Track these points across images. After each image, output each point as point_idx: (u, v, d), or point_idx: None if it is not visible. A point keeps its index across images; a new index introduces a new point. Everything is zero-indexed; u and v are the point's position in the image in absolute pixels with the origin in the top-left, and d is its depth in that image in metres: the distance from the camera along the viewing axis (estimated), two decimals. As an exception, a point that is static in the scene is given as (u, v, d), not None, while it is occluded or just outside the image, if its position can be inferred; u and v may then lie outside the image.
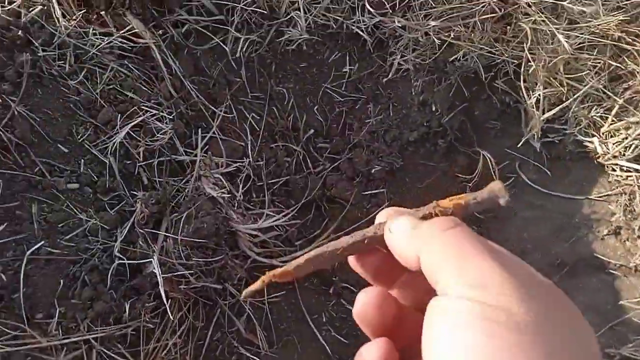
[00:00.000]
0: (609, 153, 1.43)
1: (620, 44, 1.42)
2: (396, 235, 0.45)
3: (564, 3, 1.38)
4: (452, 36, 1.39)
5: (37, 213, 1.14)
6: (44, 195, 1.16)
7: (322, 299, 1.51)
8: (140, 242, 1.20)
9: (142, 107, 1.27)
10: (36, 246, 1.10)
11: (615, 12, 1.41)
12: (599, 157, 1.45)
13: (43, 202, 1.15)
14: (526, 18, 1.39)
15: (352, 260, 0.50)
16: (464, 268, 0.38)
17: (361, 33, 1.42)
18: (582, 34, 1.40)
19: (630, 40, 1.42)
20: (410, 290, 0.52)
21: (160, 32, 1.30)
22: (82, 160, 1.22)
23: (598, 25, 1.39)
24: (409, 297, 0.52)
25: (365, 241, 0.47)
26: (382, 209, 0.50)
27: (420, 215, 0.47)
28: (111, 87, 1.26)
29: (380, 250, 0.49)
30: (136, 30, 1.24)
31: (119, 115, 1.25)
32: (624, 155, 1.41)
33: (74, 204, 1.18)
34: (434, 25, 1.37)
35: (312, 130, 1.50)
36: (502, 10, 1.39)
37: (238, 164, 1.41)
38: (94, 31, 1.22)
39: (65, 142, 1.21)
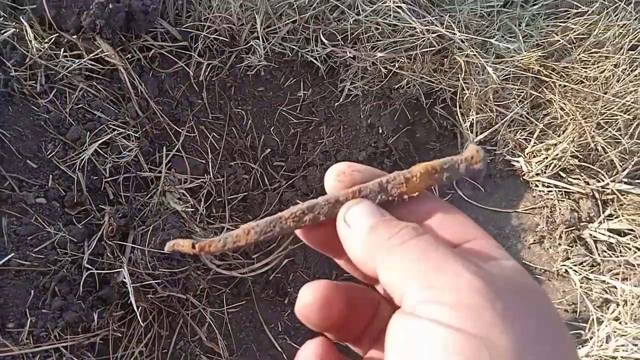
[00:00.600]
0: (532, 171, 1.61)
1: (539, 76, 1.63)
2: (350, 239, 0.40)
3: (492, 40, 1.56)
4: (396, 66, 1.55)
5: (6, 226, 1.17)
6: (14, 209, 1.20)
7: (278, 309, 1.60)
8: (108, 254, 1.26)
9: (110, 126, 1.34)
10: (6, 258, 1.13)
11: (535, 49, 1.61)
12: (524, 175, 1.63)
13: (12, 216, 1.19)
14: (460, 52, 1.57)
15: (297, 231, 0.45)
16: (432, 286, 0.34)
17: (315, 61, 1.55)
18: (507, 67, 1.59)
19: (547, 73, 1.62)
20: None
21: (128, 55, 1.37)
22: (51, 176, 1.26)
23: (520, 59, 1.58)
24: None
25: (318, 217, 0.42)
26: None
27: (381, 187, 0.42)
28: (80, 106, 1.32)
29: (329, 224, 0.44)
30: (106, 53, 1.31)
31: (88, 133, 1.31)
32: (545, 172, 1.60)
33: (42, 218, 1.22)
34: (380, 56, 1.52)
35: (268, 150, 1.60)
36: (440, 45, 1.56)
37: (200, 180, 1.49)
38: (64, 53, 1.28)
39: (35, 158, 1.26)
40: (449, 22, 1.53)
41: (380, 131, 1.59)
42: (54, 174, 1.27)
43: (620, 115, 1.52)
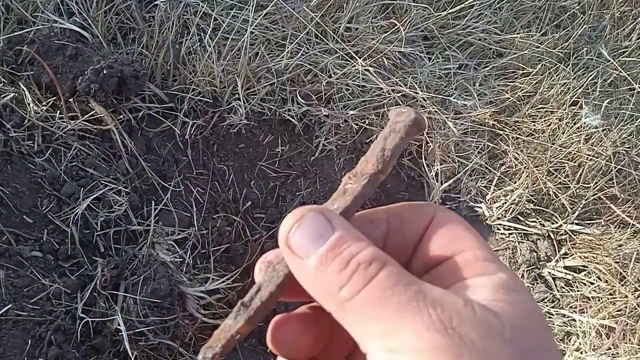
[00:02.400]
0: (493, 215, 1.76)
1: (494, 130, 1.80)
2: (298, 274, 0.35)
3: (450, 98, 1.74)
4: (366, 122, 1.70)
5: (4, 278, 1.22)
6: (11, 262, 1.25)
7: (261, 357, 1.65)
8: (102, 303, 1.31)
9: (102, 182, 1.41)
10: (4, 309, 1.18)
11: (489, 106, 1.79)
12: (486, 219, 1.78)
13: (9, 269, 1.24)
14: (423, 109, 1.73)
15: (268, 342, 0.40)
16: (393, 350, 0.31)
17: (291, 120, 1.68)
18: (465, 121, 1.76)
19: (501, 127, 1.80)
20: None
21: (119, 116, 1.47)
22: (46, 230, 1.32)
23: (477, 115, 1.76)
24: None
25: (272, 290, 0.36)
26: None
27: (335, 206, 0.37)
28: (74, 164, 1.40)
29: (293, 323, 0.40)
30: (99, 115, 1.41)
31: (81, 189, 1.38)
32: (505, 216, 1.74)
33: (37, 270, 1.27)
34: (351, 114, 1.67)
35: (249, 202, 1.70)
36: (404, 103, 1.72)
37: (186, 232, 1.56)
38: (60, 115, 1.38)
39: (31, 213, 1.32)
40: (412, 83, 1.70)
41: (354, 182, 1.71)
42: (49, 229, 1.33)
43: (567, 163, 1.70)
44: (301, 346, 0.40)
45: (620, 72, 1.75)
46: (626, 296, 1.52)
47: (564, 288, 1.67)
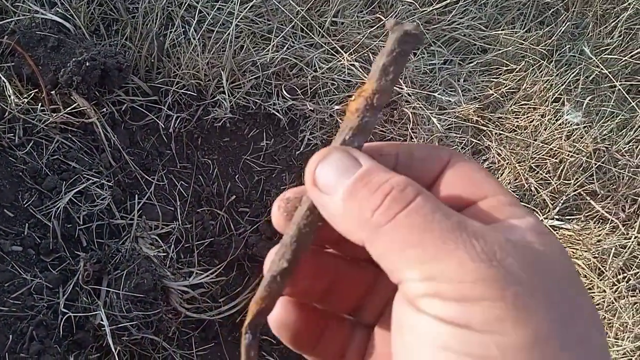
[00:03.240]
0: (476, 211, 1.77)
1: (478, 126, 1.82)
2: (326, 208, 0.34)
3: (435, 94, 1.75)
4: (351, 117, 1.70)
5: (-16, 273, 1.21)
6: (-9, 256, 1.23)
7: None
8: (84, 298, 1.30)
9: (84, 176, 1.40)
10: (-16, 304, 1.17)
11: (473, 102, 1.81)
12: (469, 215, 1.79)
13: (-10, 263, 1.22)
14: (408, 105, 1.74)
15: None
16: (432, 278, 0.29)
17: (277, 114, 1.68)
18: (449, 117, 1.77)
19: (484, 123, 1.82)
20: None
21: (102, 109, 1.45)
22: (27, 224, 1.31)
23: (461, 111, 1.77)
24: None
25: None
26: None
27: (355, 143, 0.35)
28: (56, 157, 1.38)
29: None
30: (82, 108, 1.39)
31: (63, 182, 1.37)
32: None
33: (18, 265, 1.26)
34: (337, 109, 1.67)
35: (234, 196, 1.69)
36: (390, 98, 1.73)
37: (169, 227, 1.55)
38: (42, 108, 1.36)
39: (12, 207, 1.30)
40: (397, 79, 1.71)
41: (338, 177, 1.72)
42: (30, 223, 1.31)
43: (549, 159, 1.72)
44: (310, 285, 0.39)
45: (602, 69, 1.78)
46: (604, 291, 1.55)
47: (544, 282, 1.69)
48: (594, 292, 1.55)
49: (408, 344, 0.31)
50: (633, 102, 1.71)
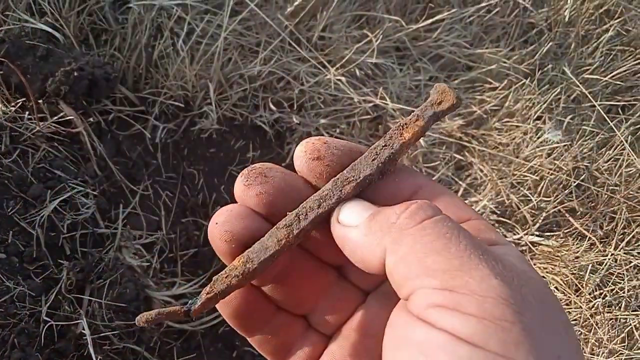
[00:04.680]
0: (458, 225, 1.80)
1: (461, 142, 1.85)
2: (349, 236, 0.34)
3: (420, 109, 1.78)
4: (337, 131, 1.72)
5: (-34, 281, 1.21)
6: (-26, 264, 1.23)
7: (227, 362, 1.66)
8: (66, 307, 1.30)
9: (70, 184, 1.41)
10: (-34, 312, 1.17)
11: (456, 118, 1.84)
12: (451, 229, 1.82)
13: (-28, 271, 1.23)
14: (393, 119, 1.77)
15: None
16: (452, 290, 0.28)
17: (263, 126, 1.70)
18: (434, 133, 1.80)
19: (468, 139, 1.85)
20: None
21: (89, 119, 1.46)
22: (11, 232, 1.31)
23: (445, 127, 1.80)
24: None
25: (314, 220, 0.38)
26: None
27: (369, 171, 0.39)
28: (42, 165, 1.39)
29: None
30: (69, 117, 1.40)
31: (48, 191, 1.37)
32: (469, 227, 1.79)
33: (1, 272, 1.26)
34: (323, 122, 1.69)
35: (219, 207, 1.70)
36: (375, 113, 1.76)
37: (153, 236, 1.56)
38: (29, 116, 1.37)
39: (-4, 215, 1.31)
40: (382, 94, 1.74)
41: (323, 189, 1.74)
42: (14, 230, 1.32)
43: (530, 176, 1.75)
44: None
45: (582, 89, 1.82)
46: (580, 307, 1.58)
47: (523, 297, 1.72)
48: (570, 308, 1.58)
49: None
50: (612, 122, 1.75)
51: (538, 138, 1.83)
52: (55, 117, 1.39)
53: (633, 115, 1.95)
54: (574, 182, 1.75)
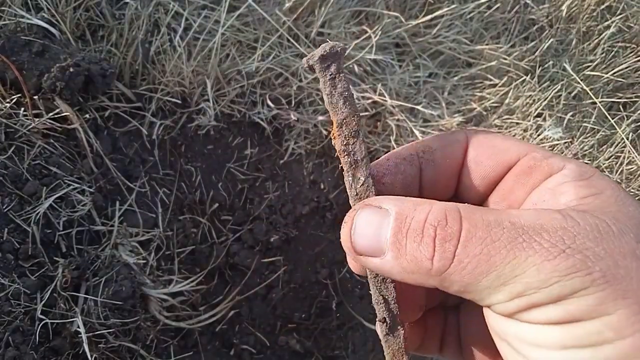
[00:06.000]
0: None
1: (461, 139, 1.83)
2: (387, 272, 0.33)
3: (419, 107, 1.77)
4: (335, 128, 1.71)
5: (-40, 278, 1.20)
6: (-32, 261, 1.22)
7: (224, 360, 1.65)
8: (62, 304, 1.29)
9: (65, 181, 1.40)
10: (-40, 310, 1.16)
11: (456, 115, 1.83)
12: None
13: (-34, 268, 1.22)
14: (392, 117, 1.76)
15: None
16: (519, 288, 0.28)
17: (261, 122, 1.68)
18: (433, 130, 1.79)
19: (468, 136, 1.83)
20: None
21: (85, 115, 1.45)
22: (6, 229, 1.30)
23: (444, 124, 1.79)
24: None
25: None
26: None
27: (360, 176, 0.39)
28: (37, 162, 1.38)
29: None
30: (64, 113, 1.39)
31: (44, 188, 1.36)
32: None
33: (-4, 270, 1.25)
34: (321, 119, 1.68)
35: (216, 204, 1.69)
36: (374, 110, 1.74)
37: (150, 234, 1.55)
38: (24, 113, 1.36)
39: (-10, 212, 1.30)
40: (381, 90, 1.72)
41: (322, 187, 1.73)
42: (9, 227, 1.30)
43: (530, 174, 1.74)
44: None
45: (583, 86, 1.80)
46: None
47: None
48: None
49: (527, 356, 0.30)
50: (613, 119, 1.74)
51: (538, 135, 1.81)
52: (51, 114, 1.38)
53: (634, 113, 1.93)
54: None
